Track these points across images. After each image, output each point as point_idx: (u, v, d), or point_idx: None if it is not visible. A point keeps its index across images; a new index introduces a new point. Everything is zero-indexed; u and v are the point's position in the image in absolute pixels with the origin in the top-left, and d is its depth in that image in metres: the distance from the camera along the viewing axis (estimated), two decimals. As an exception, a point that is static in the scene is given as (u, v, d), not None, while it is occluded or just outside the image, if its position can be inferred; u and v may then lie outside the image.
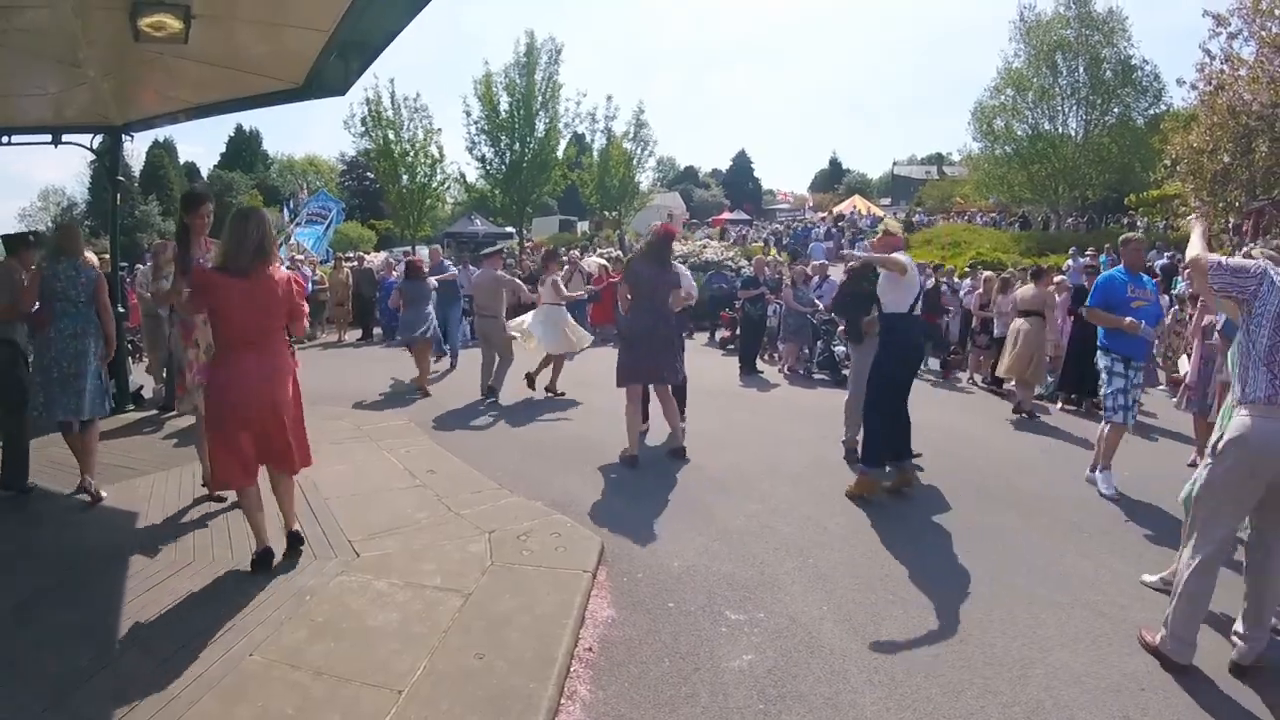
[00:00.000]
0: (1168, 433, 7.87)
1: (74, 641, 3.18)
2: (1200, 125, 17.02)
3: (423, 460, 5.94)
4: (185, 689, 2.83)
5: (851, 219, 37.50)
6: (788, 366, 11.51)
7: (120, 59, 5.48)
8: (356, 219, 42.15)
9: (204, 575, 3.84)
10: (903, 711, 2.94)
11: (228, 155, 55.98)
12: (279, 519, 4.07)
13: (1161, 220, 25.06)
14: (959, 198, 41.45)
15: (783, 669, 3.22)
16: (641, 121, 30.47)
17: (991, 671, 3.22)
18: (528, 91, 26.77)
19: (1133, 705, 2.99)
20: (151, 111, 7.69)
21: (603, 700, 3.00)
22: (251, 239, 3.73)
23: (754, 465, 6.10)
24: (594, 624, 3.56)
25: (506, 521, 4.62)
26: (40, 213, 47.47)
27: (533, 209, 30.22)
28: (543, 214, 38.34)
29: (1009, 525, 4.96)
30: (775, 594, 3.90)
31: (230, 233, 3.76)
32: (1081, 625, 3.64)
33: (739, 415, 8.08)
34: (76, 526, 4.60)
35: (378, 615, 3.45)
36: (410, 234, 27.33)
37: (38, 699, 2.76)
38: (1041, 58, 28.69)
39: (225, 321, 3.75)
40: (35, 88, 6.13)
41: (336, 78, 6.32)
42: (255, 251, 3.73)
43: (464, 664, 3.06)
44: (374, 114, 25.58)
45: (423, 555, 4.11)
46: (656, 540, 4.56)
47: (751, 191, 74.63)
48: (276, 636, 3.24)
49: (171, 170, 50.06)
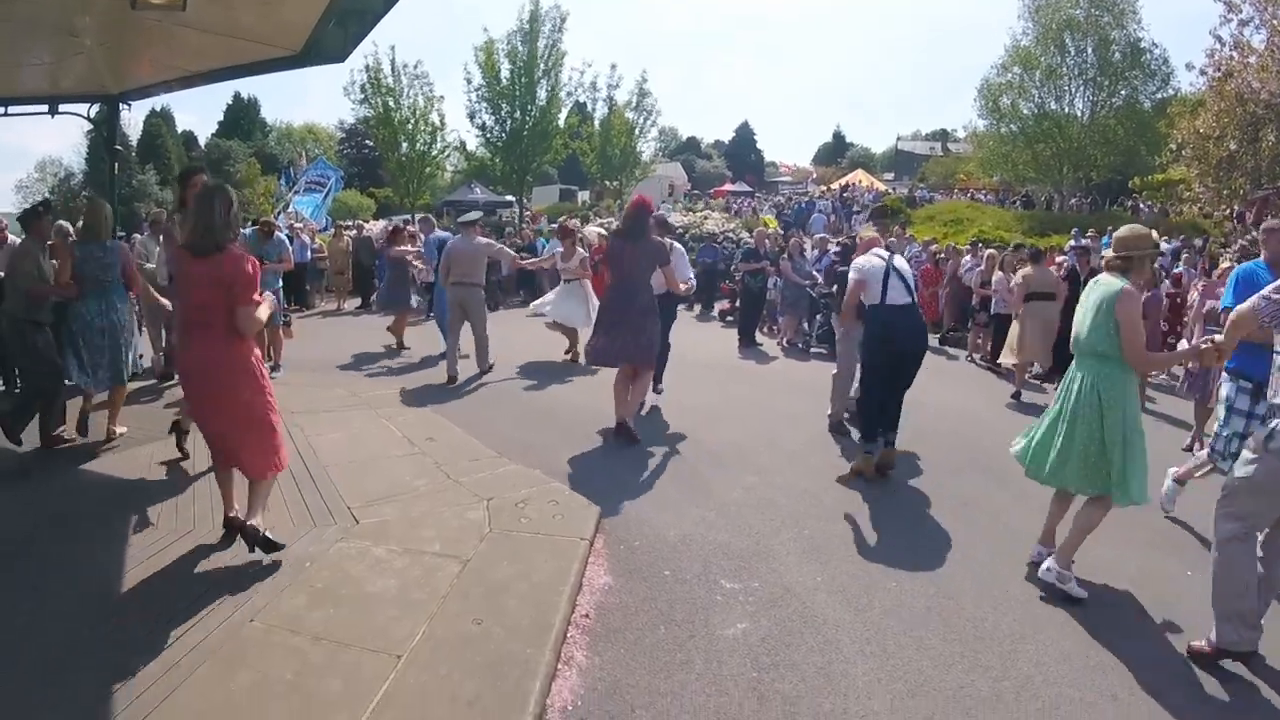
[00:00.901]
0: (1165, 417, 7.89)
1: (74, 610, 3.19)
2: (1208, 111, 16.89)
3: (421, 428, 5.96)
4: (185, 655, 2.85)
5: (853, 193, 37.18)
6: (786, 339, 11.52)
7: (117, 27, 5.41)
8: (355, 187, 41.82)
9: (203, 543, 3.86)
10: (893, 682, 2.99)
11: (225, 124, 55.29)
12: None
13: (1159, 204, 24.99)
14: (962, 175, 41.15)
15: (776, 638, 3.27)
16: (645, 91, 30.23)
17: (982, 646, 3.27)
18: (530, 59, 26.45)
19: (1120, 684, 3.04)
20: (148, 80, 7.62)
21: (599, 666, 3.04)
22: (210, 218, 3.51)
23: (751, 438, 6.13)
24: (591, 591, 3.60)
25: (505, 489, 4.64)
26: (38, 184, 46.96)
27: (533, 178, 30.04)
28: (543, 183, 38.08)
29: (1004, 503, 4.99)
30: (770, 564, 3.95)
31: (193, 210, 3.64)
32: (1074, 604, 3.67)
33: (737, 388, 8.10)
34: (76, 495, 4.61)
35: (377, 581, 3.48)
36: (410, 202, 27.17)
37: (36, 668, 2.77)
38: (1050, 37, 28.33)
39: (182, 301, 3.72)
40: (33, 58, 6.08)
41: (335, 45, 6.25)
42: (205, 231, 3.50)
43: (462, 630, 3.10)
44: (374, 81, 25.32)
45: (421, 522, 4.14)
46: (654, 510, 4.59)
47: (754, 163, 73.91)
48: (276, 603, 3.27)
49: (169, 139, 49.49)
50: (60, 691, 2.64)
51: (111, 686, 2.66)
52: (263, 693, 2.67)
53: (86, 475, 4.91)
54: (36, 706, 2.58)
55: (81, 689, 2.66)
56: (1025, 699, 2.92)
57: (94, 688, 2.66)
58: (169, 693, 2.64)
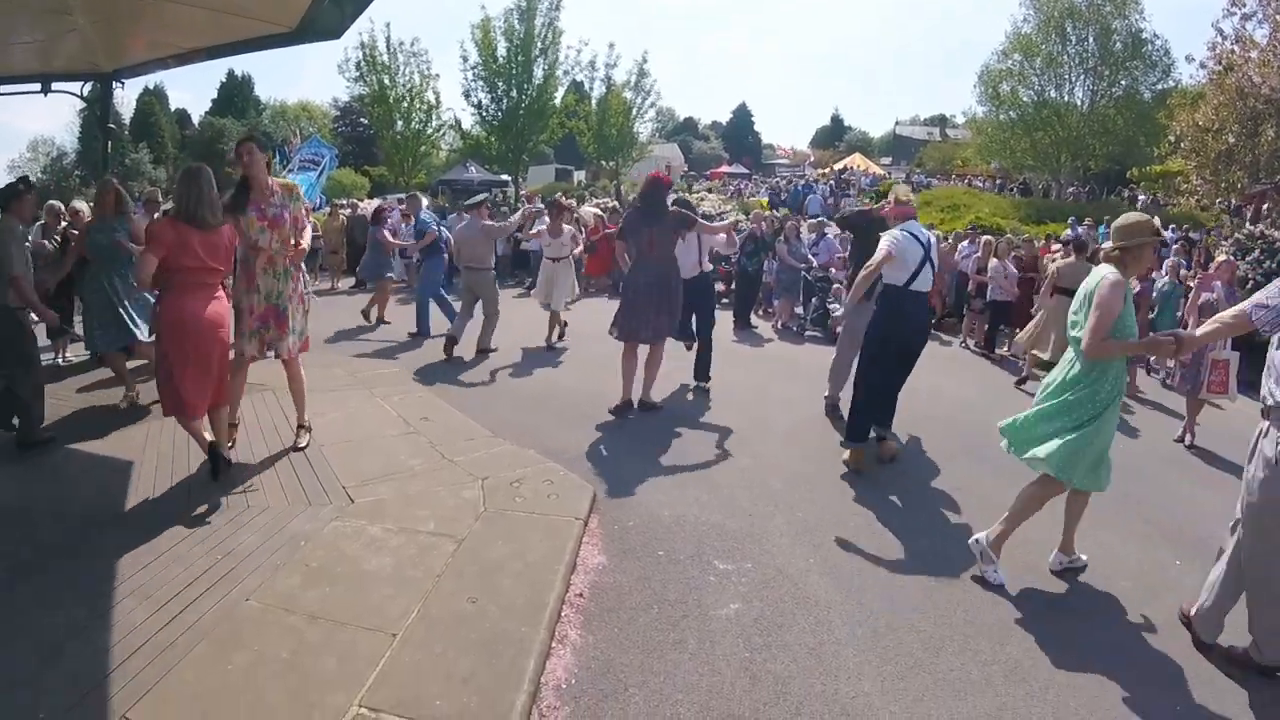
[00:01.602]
0: (1157, 406, 7.94)
1: (70, 593, 3.17)
2: (1207, 104, 16.85)
3: (416, 408, 5.96)
4: (181, 635, 2.86)
5: (849, 177, 37.05)
6: (781, 322, 11.52)
7: (111, 4, 5.35)
8: (350, 165, 41.48)
9: (198, 522, 3.85)
10: (884, 664, 3.02)
11: (219, 101, 54.65)
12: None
13: (1156, 195, 24.95)
14: (960, 161, 41.04)
15: (769, 618, 3.30)
16: (643, 71, 29.94)
17: (973, 630, 3.30)
18: (526, 37, 26.24)
19: (1109, 669, 3.08)
20: (142, 58, 7.52)
21: (593, 644, 3.06)
22: (206, 194, 4.16)
23: (746, 421, 6.14)
24: (585, 570, 3.62)
25: (500, 469, 4.65)
26: (30, 163, 46.43)
27: (529, 157, 29.82)
28: (539, 162, 37.80)
29: (996, 489, 5.01)
30: (763, 545, 3.97)
31: (185, 188, 4.18)
32: (1063, 591, 3.73)
33: (732, 371, 8.09)
34: (71, 475, 4.57)
35: (372, 560, 3.49)
36: (404, 181, 26.98)
37: (34, 651, 2.77)
38: (1051, 25, 28.18)
39: (181, 268, 4.10)
40: (25, 36, 5.99)
41: (331, 21, 6.15)
42: (211, 204, 4.19)
43: (457, 608, 3.12)
44: (369, 59, 25.06)
45: (416, 501, 4.15)
46: (648, 490, 4.61)
47: (751, 145, 73.58)
48: (271, 582, 3.28)
49: (162, 117, 49.07)
50: (57, 673, 2.64)
51: (108, 666, 2.66)
52: (259, 672, 2.68)
53: (80, 455, 4.88)
54: (34, 687, 2.57)
55: (78, 669, 2.66)
56: (1014, 683, 2.96)
57: (91, 668, 2.66)
58: (165, 672, 2.64)
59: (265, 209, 4.57)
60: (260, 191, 4.59)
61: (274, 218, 4.59)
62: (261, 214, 4.56)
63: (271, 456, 4.77)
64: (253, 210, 4.55)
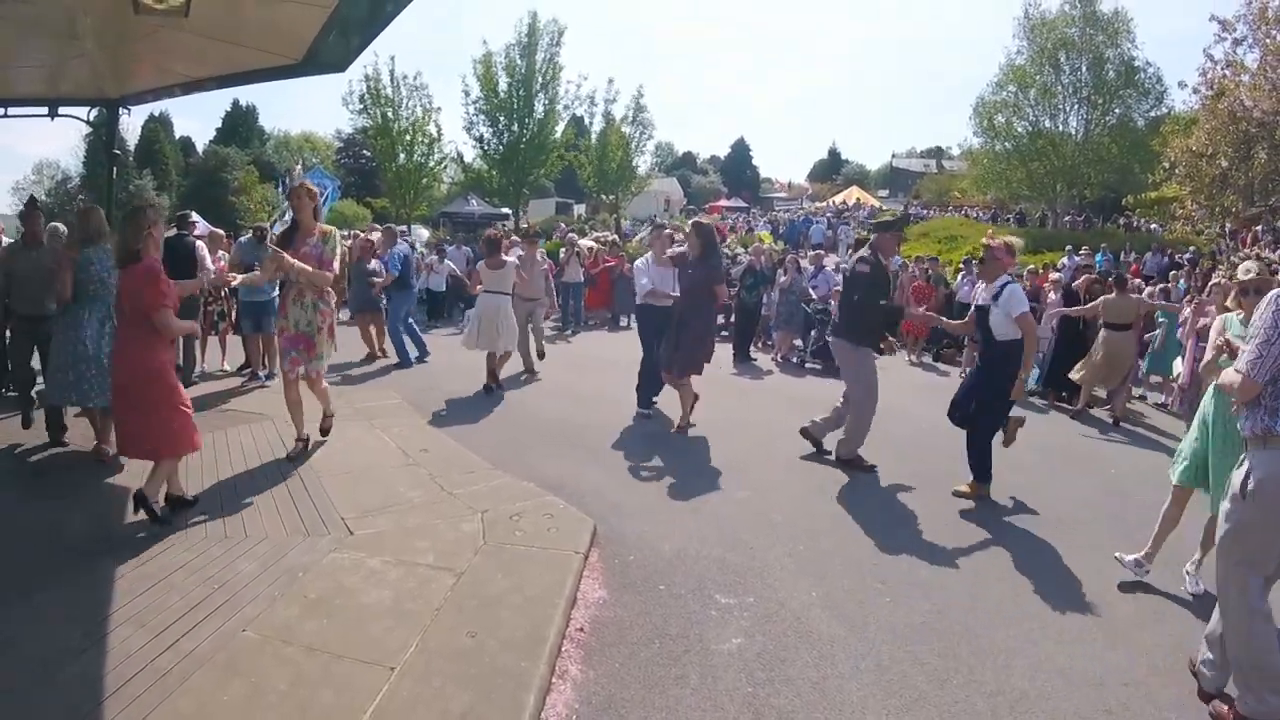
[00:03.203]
0: (1156, 429, 7.93)
1: (65, 618, 3.16)
2: (1200, 129, 17.01)
3: (415, 439, 5.95)
4: (177, 664, 2.83)
5: (849, 211, 37.39)
6: (780, 355, 11.54)
7: (119, 31, 5.42)
8: (352, 197, 41.84)
9: (194, 550, 3.83)
10: (888, 698, 2.98)
11: (224, 130, 55.29)
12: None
13: (1151, 221, 25.11)
14: (957, 192, 41.40)
15: (771, 653, 3.26)
16: (641, 105, 30.35)
17: (976, 661, 3.27)
18: (528, 72, 26.66)
19: (1115, 699, 3.04)
20: (148, 85, 7.62)
21: (593, 680, 3.03)
22: (130, 234, 4.12)
23: (745, 453, 6.13)
24: (585, 604, 3.59)
25: (499, 502, 4.64)
26: (35, 186, 46.85)
27: (529, 190, 30.11)
28: (539, 196, 38.16)
29: (998, 518, 5.01)
30: (765, 579, 3.94)
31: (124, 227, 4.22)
32: (1066, 619, 3.70)
33: (731, 403, 8.10)
34: (68, 502, 4.56)
35: (371, 593, 3.47)
36: (406, 213, 27.18)
37: (28, 676, 2.75)
38: (1045, 55, 28.58)
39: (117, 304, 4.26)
40: (33, 59, 6.07)
41: (337, 54, 6.26)
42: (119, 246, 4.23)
43: (456, 642, 3.09)
44: (373, 91, 25.39)
45: (416, 534, 4.13)
46: (648, 524, 4.59)
47: (749, 179, 74.33)
48: (270, 612, 3.26)
49: (167, 145, 49.48)
50: (53, 698, 2.62)
51: (104, 693, 2.64)
52: (256, 703, 2.65)
53: (77, 484, 4.87)
54: (29, 712, 2.55)
55: (74, 695, 2.64)
56: (1020, 714, 2.92)
57: (87, 695, 2.63)
58: (162, 700, 2.62)
59: (302, 249, 5.11)
60: (304, 233, 5.19)
61: (305, 256, 5.09)
62: (298, 253, 5.08)
63: (271, 486, 4.75)
64: (296, 248, 5.11)
